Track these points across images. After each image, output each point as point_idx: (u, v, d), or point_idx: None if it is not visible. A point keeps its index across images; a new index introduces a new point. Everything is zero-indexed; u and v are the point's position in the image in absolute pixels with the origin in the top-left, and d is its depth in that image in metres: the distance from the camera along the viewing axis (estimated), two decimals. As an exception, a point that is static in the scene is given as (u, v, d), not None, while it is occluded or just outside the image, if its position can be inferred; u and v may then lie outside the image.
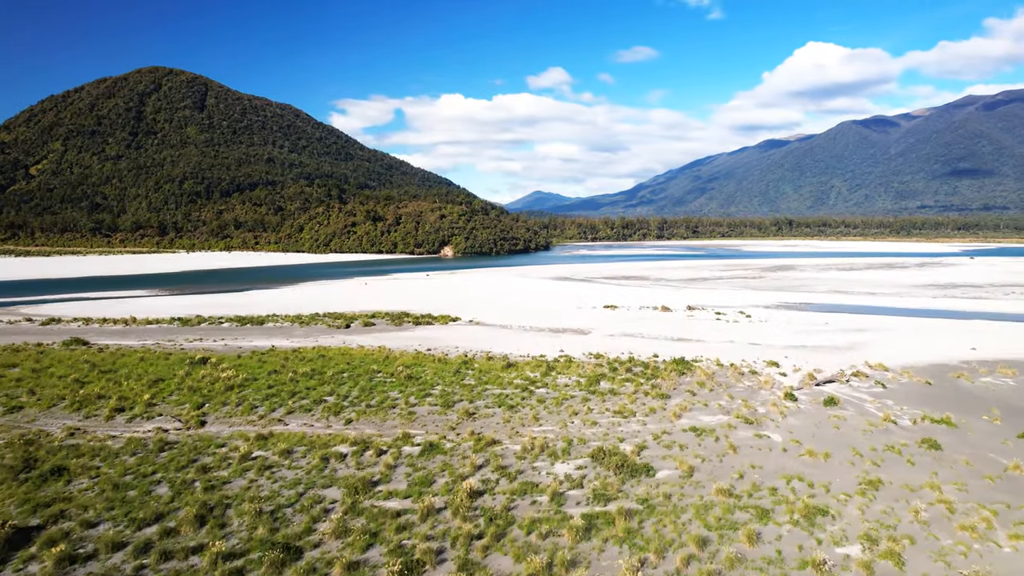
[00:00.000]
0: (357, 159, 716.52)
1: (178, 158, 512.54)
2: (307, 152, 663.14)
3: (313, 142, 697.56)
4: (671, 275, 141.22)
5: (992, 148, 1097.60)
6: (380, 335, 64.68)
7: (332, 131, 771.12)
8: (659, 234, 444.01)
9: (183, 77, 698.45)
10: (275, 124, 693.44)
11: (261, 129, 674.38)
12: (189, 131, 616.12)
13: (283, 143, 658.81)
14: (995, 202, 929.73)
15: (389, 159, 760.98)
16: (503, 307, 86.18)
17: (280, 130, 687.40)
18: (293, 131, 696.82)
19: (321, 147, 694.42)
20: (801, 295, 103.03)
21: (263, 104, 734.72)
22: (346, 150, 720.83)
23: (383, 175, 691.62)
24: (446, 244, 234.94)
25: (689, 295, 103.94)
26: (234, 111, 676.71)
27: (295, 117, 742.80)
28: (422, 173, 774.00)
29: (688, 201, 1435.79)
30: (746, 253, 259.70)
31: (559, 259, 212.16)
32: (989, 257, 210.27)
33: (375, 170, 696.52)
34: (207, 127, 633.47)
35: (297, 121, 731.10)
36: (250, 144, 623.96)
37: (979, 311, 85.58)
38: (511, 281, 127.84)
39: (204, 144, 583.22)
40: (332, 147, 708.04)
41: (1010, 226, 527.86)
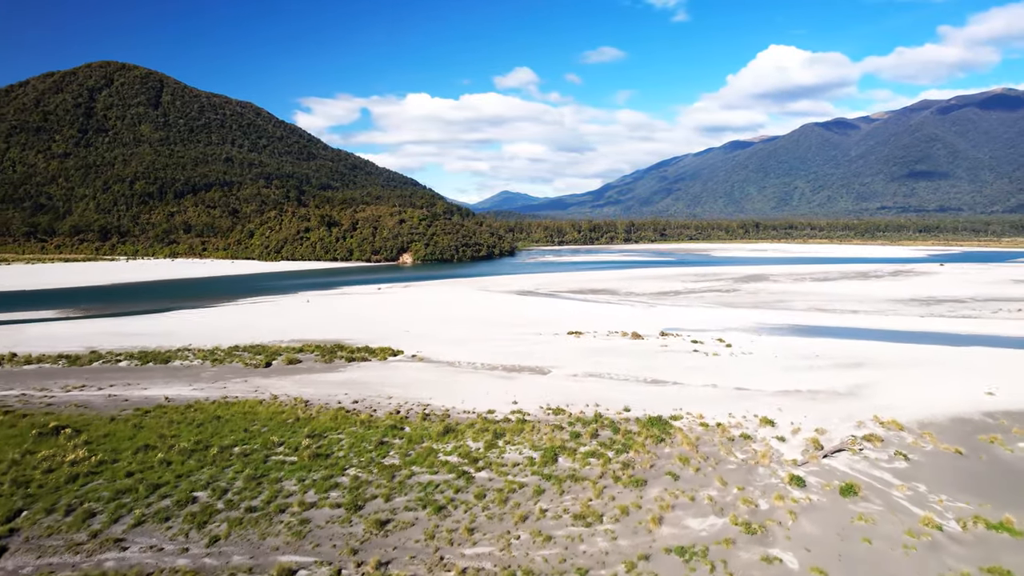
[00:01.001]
0: (320, 159, 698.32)
1: (130, 157, 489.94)
2: (268, 151, 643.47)
3: (274, 141, 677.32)
4: (641, 288, 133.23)
5: (947, 151, 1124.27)
6: (303, 378, 54.63)
7: (294, 130, 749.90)
8: (627, 237, 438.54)
9: (136, 72, 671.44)
10: (234, 122, 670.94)
11: (220, 127, 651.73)
12: (143, 129, 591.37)
13: (243, 142, 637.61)
14: (950, 204, 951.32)
15: (353, 159, 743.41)
16: (454, 334, 76.62)
17: (240, 129, 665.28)
18: (253, 130, 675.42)
19: (282, 146, 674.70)
20: (780, 314, 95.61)
21: (222, 102, 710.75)
22: (309, 149, 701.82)
23: (347, 175, 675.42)
24: (405, 251, 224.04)
25: (661, 314, 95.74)
26: (191, 109, 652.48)
27: (256, 115, 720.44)
28: (387, 173, 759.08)
29: (655, 201, 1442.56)
30: (716, 259, 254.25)
31: (523, 267, 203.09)
32: (956, 264, 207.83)
33: (338, 170, 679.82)
34: (162, 125, 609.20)
35: (258, 119, 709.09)
36: (208, 143, 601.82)
37: (973, 334, 79.01)
38: (468, 297, 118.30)
39: (159, 143, 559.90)
40: (294, 146, 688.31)
41: (967, 228, 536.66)
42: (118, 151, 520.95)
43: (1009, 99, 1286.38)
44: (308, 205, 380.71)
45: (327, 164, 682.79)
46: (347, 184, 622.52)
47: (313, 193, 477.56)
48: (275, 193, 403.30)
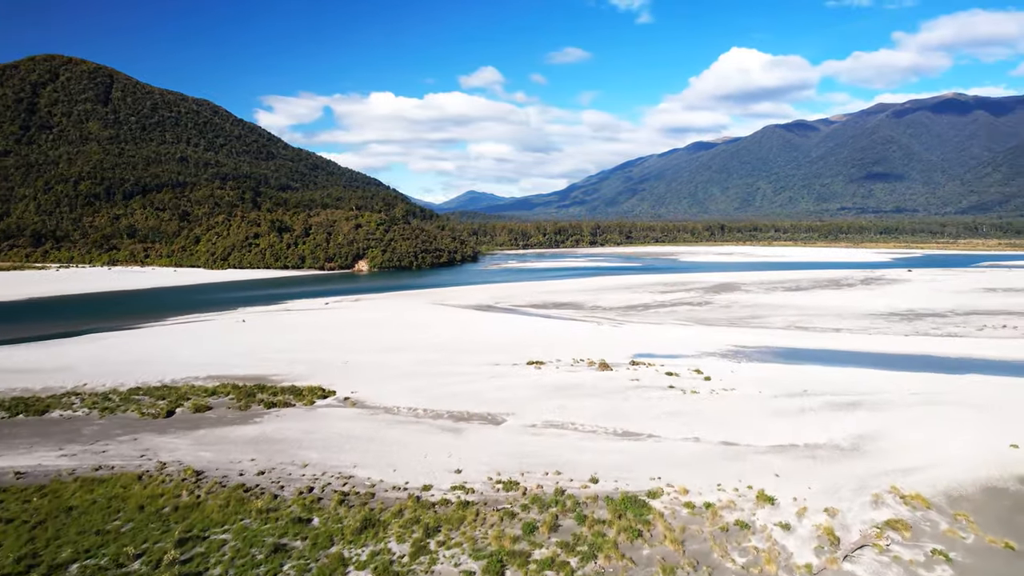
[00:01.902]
0: (280, 158, 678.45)
1: (76, 156, 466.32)
2: (225, 151, 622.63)
3: (232, 140, 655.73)
4: (608, 300, 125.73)
5: (902, 153, 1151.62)
6: (206, 435, 45.16)
7: (254, 129, 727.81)
8: (592, 240, 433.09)
9: (84, 67, 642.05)
10: (190, 120, 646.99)
11: (174, 126, 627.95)
12: (91, 126, 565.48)
13: (199, 141, 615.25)
14: (906, 205, 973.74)
15: (315, 158, 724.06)
16: (399, 366, 67.57)
17: (196, 127, 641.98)
18: (210, 128, 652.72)
19: (241, 146, 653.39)
20: (758, 333, 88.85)
21: (177, 99, 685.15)
22: (268, 149, 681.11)
23: (307, 175, 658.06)
24: (361, 258, 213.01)
25: (631, 334, 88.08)
26: (143, 106, 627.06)
27: (213, 113, 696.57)
28: (349, 174, 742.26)
29: (620, 202, 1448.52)
30: (684, 265, 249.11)
31: (485, 275, 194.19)
32: (923, 269, 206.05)
33: (299, 170, 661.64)
34: (112, 122, 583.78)
35: (215, 118, 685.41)
36: (161, 142, 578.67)
37: (964, 357, 73.11)
38: (421, 315, 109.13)
39: (108, 141, 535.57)
40: (253, 145, 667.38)
41: (924, 230, 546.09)
42: (63, 149, 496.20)
43: (959, 104, 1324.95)
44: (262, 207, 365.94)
45: (287, 164, 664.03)
46: (307, 184, 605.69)
47: (270, 194, 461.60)
48: (230, 194, 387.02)
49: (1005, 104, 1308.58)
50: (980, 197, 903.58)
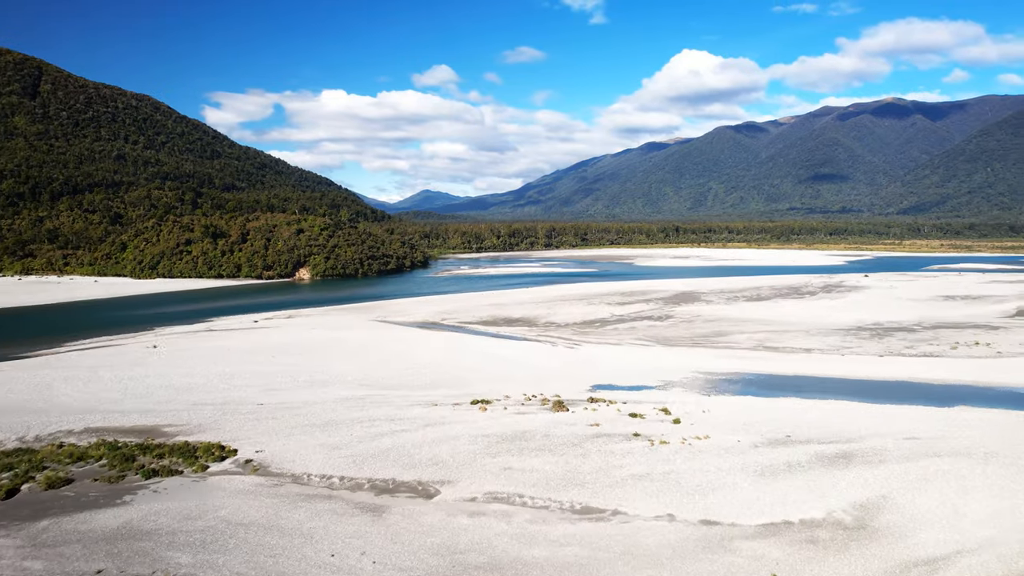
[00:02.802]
0: (226, 157, 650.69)
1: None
2: (167, 149, 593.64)
3: (174, 138, 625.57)
4: (563, 315, 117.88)
5: (846, 155, 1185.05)
6: (50, 529, 34.81)
7: (198, 126, 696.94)
8: (547, 242, 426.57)
9: (10, 58, 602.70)
10: (128, 116, 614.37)
11: (111, 122, 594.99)
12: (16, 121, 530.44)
13: (137, 138, 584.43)
14: (851, 205, 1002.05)
15: (263, 157, 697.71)
16: (321, 408, 57.90)
17: (134, 124, 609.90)
18: (151, 125, 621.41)
19: (183, 143, 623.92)
20: (725, 355, 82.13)
21: (115, 93, 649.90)
22: (213, 147, 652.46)
23: (254, 175, 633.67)
24: (302, 265, 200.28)
25: (588, 360, 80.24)
26: (76, 100, 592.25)
27: (154, 109, 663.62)
28: (299, 173, 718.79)
29: (575, 201, 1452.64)
30: (640, 271, 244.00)
31: (435, 284, 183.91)
32: (878, 273, 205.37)
33: (245, 169, 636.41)
34: (41, 117, 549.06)
35: (156, 114, 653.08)
36: (96, 139, 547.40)
37: (949, 383, 67.73)
38: (358, 335, 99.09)
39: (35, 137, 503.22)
40: (197, 143, 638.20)
41: (871, 231, 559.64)
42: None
43: (898, 108, 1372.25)
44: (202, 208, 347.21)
45: (233, 163, 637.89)
46: (254, 184, 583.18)
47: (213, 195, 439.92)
48: (168, 195, 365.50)
49: (940, 109, 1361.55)
50: (919, 198, 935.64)
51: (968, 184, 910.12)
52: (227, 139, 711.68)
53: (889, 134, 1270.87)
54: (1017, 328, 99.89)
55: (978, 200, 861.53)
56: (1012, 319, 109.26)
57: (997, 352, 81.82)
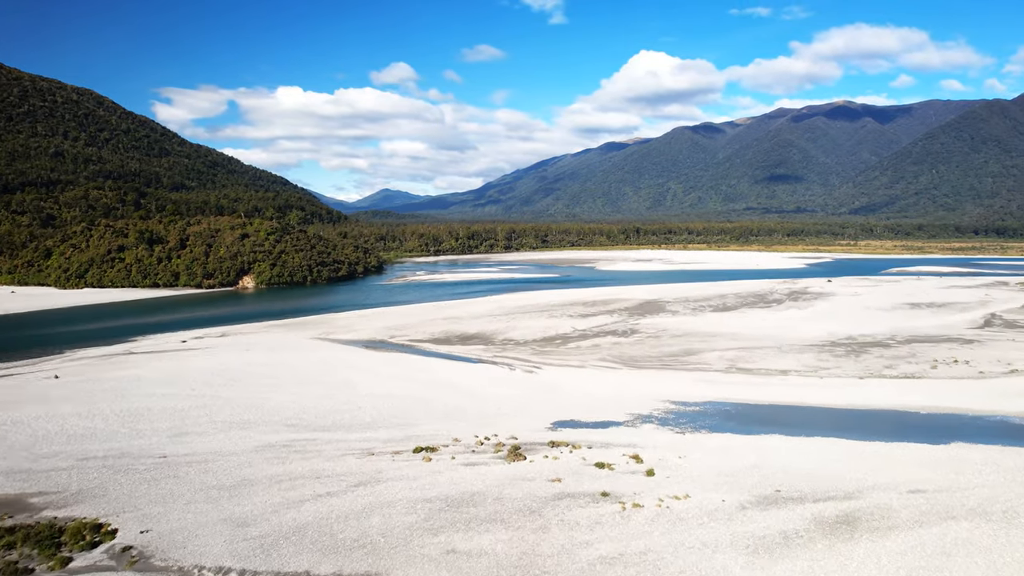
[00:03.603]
0: (175, 155, 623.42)
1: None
2: (110, 146, 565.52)
3: (119, 134, 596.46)
4: (522, 330, 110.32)
5: (800, 156, 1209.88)
6: None
7: (145, 122, 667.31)
8: (507, 245, 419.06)
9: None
10: (68, 111, 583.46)
11: (48, 117, 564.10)
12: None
13: (78, 135, 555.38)
14: (806, 205, 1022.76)
15: (215, 155, 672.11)
16: (234, 462, 49.00)
17: (75, 119, 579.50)
18: (93, 121, 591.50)
19: (129, 140, 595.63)
20: (696, 379, 75.72)
21: (53, 87, 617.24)
22: (161, 144, 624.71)
23: (205, 174, 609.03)
24: (247, 273, 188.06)
25: (548, 387, 72.81)
26: (9, 93, 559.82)
27: (97, 104, 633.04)
28: (253, 171, 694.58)
29: (535, 201, 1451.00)
30: (602, 276, 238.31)
31: (387, 294, 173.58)
32: (841, 278, 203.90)
33: (196, 168, 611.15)
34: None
35: (99, 109, 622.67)
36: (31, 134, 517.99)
37: (935, 410, 62.51)
38: (296, 357, 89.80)
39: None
40: (143, 141, 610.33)
41: (827, 232, 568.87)
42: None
43: (849, 111, 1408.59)
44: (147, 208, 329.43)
45: (182, 161, 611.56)
46: (205, 184, 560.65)
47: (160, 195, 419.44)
48: (108, 196, 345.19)
49: (888, 113, 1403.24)
50: (870, 198, 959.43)
51: (915, 185, 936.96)
52: (177, 136, 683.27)
53: (841, 136, 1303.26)
54: (990, 341, 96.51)
55: (924, 201, 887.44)
56: (983, 331, 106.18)
57: (979, 372, 77.42)
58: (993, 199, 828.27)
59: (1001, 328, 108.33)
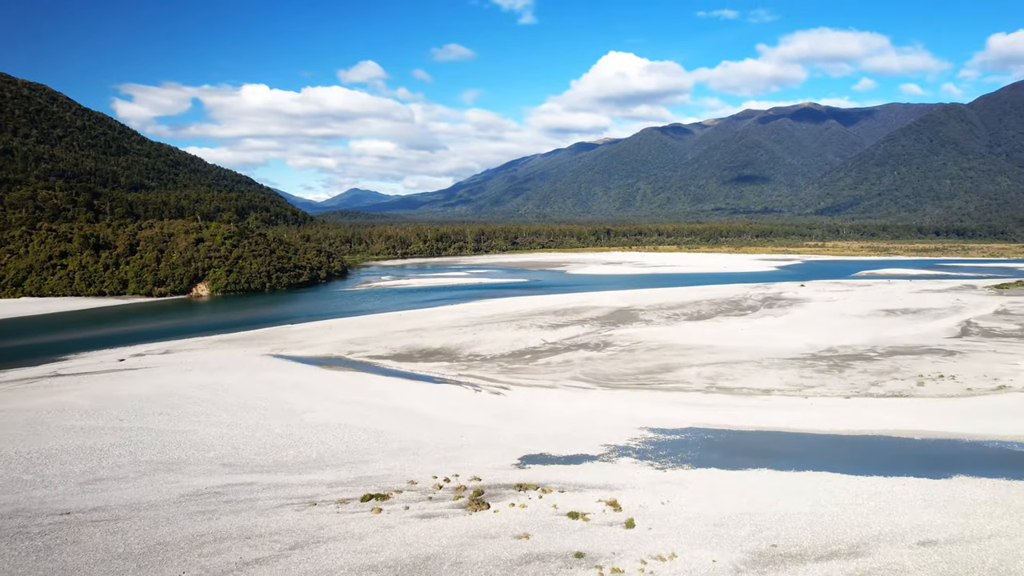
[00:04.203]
0: (134, 153, 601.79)
1: None
2: (64, 144, 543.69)
3: (74, 131, 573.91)
4: (488, 343, 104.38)
5: (767, 157, 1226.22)
6: None
7: (102, 120, 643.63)
8: (476, 247, 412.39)
9: None
10: (18, 107, 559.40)
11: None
12: None
13: (29, 131, 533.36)
14: (773, 205, 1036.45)
15: (177, 154, 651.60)
16: (148, 525, 42.08)
17: (26, 115, 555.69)
18: (45, 117, 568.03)
19: (85, 138, 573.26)
20: (675, 400, 70.76)
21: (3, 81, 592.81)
22: (120, 142, 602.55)
23: (166, 173, 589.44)
24: (201, 280, 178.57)
25: (516, 411, 67.09)
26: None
27: (50, 100, 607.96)
28: (217, 171, 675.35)
29: (505, 201, 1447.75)
30: (573, 280, 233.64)
31: (350, 302, 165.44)
32: (813, 282, 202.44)
33: (156, 167, 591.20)
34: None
35: (52, 105, 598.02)
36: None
37: (930, 435, 58.33)
38: (242, 378, 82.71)
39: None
40: (100, 138, 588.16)
41: (794, 232, 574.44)
42: None
43: (814, 112, 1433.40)
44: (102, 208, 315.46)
45: (142, 160, 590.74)
46: (166, 184, 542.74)
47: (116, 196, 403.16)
48: (58, 196, 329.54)
49: (851, 115, 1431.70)
50: (835, 199, 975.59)
51: (878, 186, 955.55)
52: (136, 134, 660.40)
53: (806, 137, 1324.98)
54: (971, 353, 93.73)
55: (887, 202, 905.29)
56: (962, 340, 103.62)
57: (967, 389, 73.93)
58: (951, 200, 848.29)
59: (979, 337, 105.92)
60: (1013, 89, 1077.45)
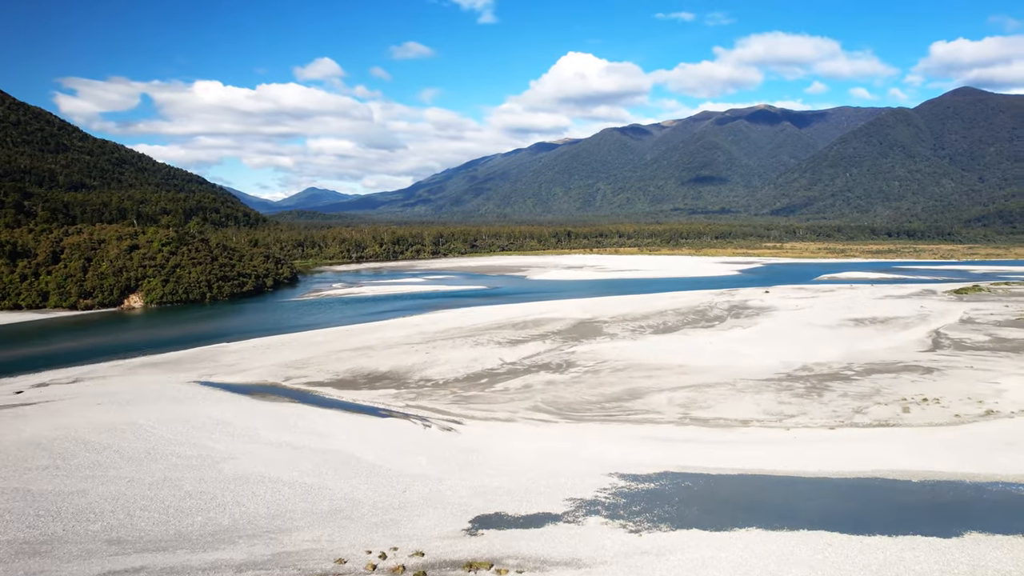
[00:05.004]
0: (75, 151, 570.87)
1: None
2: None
3: (7, 127, 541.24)
4: (443, 363, 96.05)
5: (724, 158, 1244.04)
6: None
7: (40, 115, 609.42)
8: (435, 250, 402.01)
9: None
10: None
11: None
12: None
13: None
14: (730, 206, 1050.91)
15: (123, 151, 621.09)
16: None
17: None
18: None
19: (20, 134, 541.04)
20: (646, 434, 63.79)
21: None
22: (59, 139, 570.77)
23: (111, 172, 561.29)
24: (134, 290, 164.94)
25: (470, 453, 59.13)
26: None
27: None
28: (167, 170, 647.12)
29: (465, 201, 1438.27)
30: (534, 287, 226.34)
31: (295, 314, 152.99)
32: (776, 287, 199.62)
33: (100, 165, 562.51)
34: None
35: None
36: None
37: (930, 477, 52.47)
38: (156, 416, 72.77)
39: None
40: (37, 135, 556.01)
41: (753, 234, 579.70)
42: None
43: (769, 114, 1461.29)
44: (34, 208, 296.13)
45: (83, 158, 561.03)
46: (109, 183, 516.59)
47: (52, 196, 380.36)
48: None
49: (805, 117, 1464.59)
50: (790, 200, 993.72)
51: (831, 187, 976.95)
52: (78, 130, 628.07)
53: (762, 139, 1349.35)
54: (948, 369, 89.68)
55: (840, 203, 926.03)
56: (936, 355, 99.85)
57: (955, 415, 68.96)
58: (900, 202, 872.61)
59: (953, 351, 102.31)
60: (955, 95, 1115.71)
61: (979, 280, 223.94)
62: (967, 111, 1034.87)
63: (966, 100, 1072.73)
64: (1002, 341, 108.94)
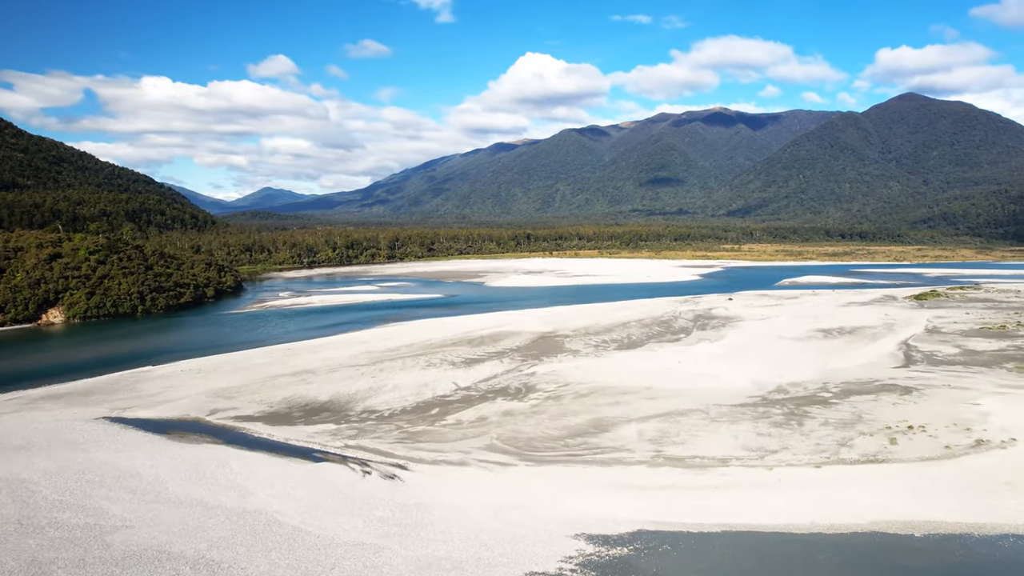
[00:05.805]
0: (7, 148, 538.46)
1: None
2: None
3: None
4: (390, 391, 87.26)
5: (681, 160, 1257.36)
6: None
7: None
8: (390, 254, 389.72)
9: None
10: None
11: None
12: None
13: None
14: (687, 207, 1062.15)
15: (62, 149, 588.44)
16: None
17: None
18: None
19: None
20: (616, 480, 56.54)
21: None
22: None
23: (47, 171, 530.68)
24: (54, 304, 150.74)
25: (413, 513, 50.80)
26: None
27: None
28: (111, 169, 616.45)
29: (424, 201, 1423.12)
30: (492, 294, 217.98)
31: (235, 328, 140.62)
32: (739, 294, 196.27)
33: (35, 164, 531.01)
34: None
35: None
36: None
37: (935, 530, 46.70)
38: (46, 466, 62.36)
39: None
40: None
41: (712, 236, 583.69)
42: None
43: (725, 117, 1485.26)
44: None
45: (16, 156, 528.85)
46: (45, 183, 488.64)
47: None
48: None
49: (759, 120, 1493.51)
50: (746, 201, 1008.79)
51: (785, 189, 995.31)
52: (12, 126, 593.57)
53: (718, 141, 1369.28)
54: (926, 388, 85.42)
55: (794, 204, 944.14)
56: (911, 371, 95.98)
57: (944, 447, 63.80)
58: (851, 203, 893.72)
59: (926, 366, 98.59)
60: (900, 100, 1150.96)
61: (934, 284, 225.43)
62: (911, 116, 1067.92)
63: (910, 105, 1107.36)
64: (972, 354, 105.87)
